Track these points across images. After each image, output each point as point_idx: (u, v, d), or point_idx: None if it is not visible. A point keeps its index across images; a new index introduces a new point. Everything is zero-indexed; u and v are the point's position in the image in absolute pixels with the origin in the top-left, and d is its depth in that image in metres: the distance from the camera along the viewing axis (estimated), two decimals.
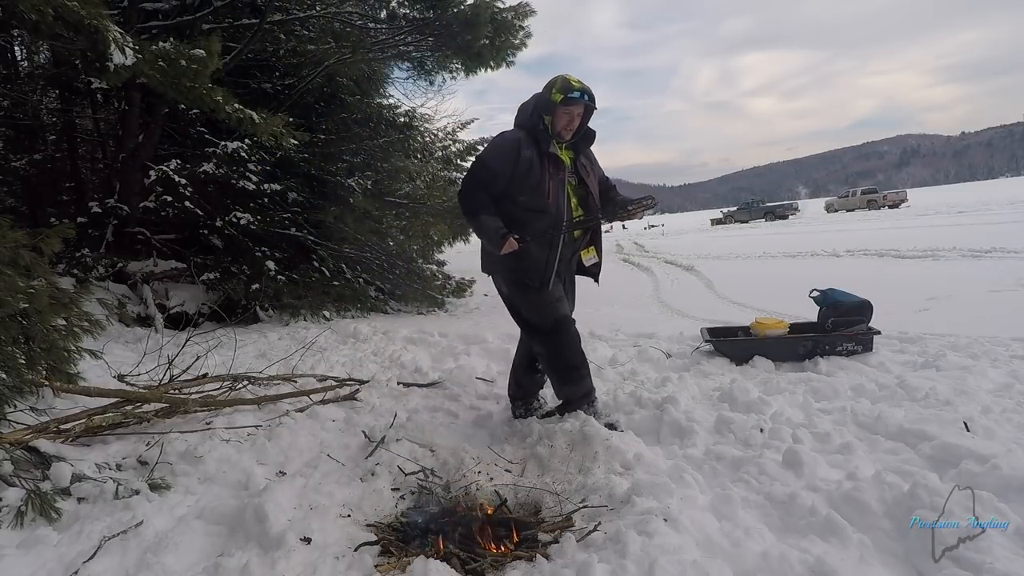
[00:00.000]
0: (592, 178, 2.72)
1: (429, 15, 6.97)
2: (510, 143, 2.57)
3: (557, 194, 2.54)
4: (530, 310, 2.67)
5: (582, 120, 2.58)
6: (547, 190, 2.52)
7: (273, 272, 6.84)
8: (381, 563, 1.66)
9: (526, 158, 2.52)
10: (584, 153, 2.72)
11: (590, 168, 2.74)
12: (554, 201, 2.54)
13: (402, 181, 8.77)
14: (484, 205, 2.57)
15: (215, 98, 4.46)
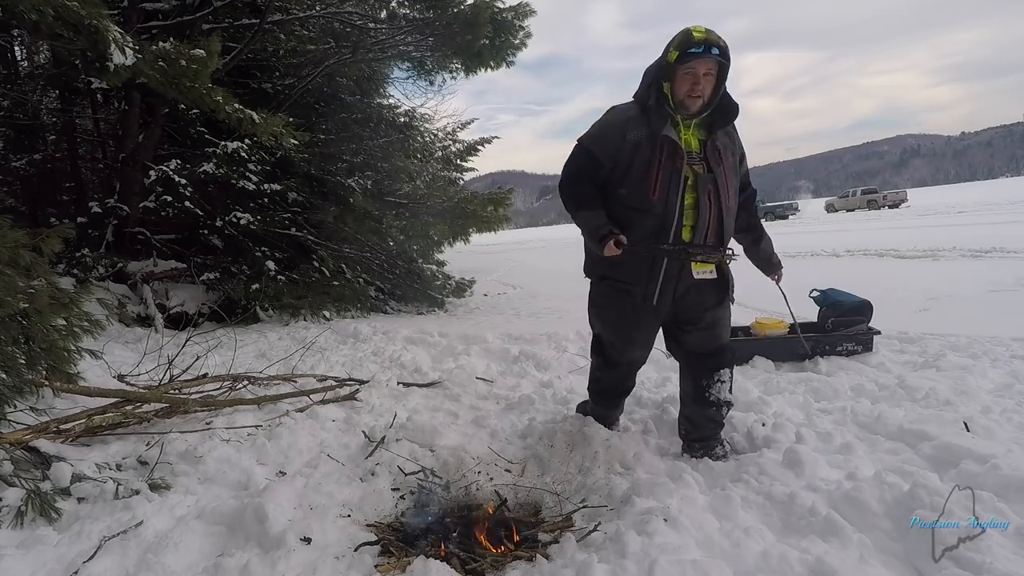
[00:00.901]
0: (728, 168, 2.07)
1: (429, 15, 6.97)
2: (616, 122, 2.08)
3: (667, 189, 1.99)
4: (615, 326, 2.25)
5: (716, 84, 1.97)
6: (652, 183, 1.99)
7: (273, 272, 6.84)
8: (381, 563, 1.66)
9: (631, 142, 2.02)
10: (724, 133, 2.09)
11: (730, 155, 2.09)
12: (661, 198, 1.99)
13: (402, 181, 8.78)
14: (585, 198, 2.13)
15: (215, 98, 4.46)
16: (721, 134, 2.07)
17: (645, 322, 2.17)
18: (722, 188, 2.03)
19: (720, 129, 2.07)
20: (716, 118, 2.05)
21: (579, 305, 2.87)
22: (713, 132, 2.06)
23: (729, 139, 2.11)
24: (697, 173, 2.01)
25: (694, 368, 2.24)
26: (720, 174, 2.03)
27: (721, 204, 2.04)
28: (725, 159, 2.06)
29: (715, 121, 2.06)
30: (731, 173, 2.07)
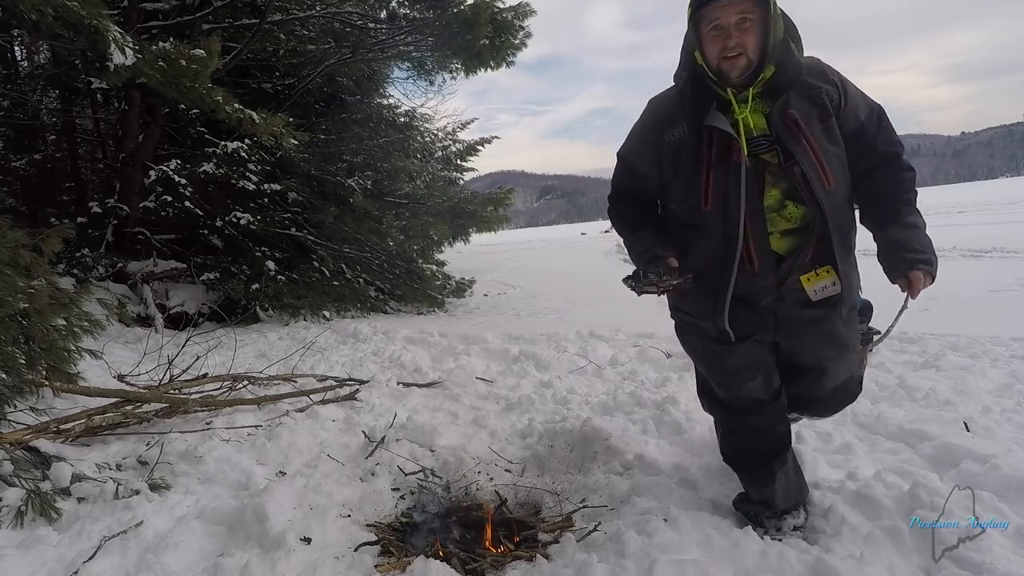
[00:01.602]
0: (815, 142, 1.47)
1: (429, 15, 6.97)
2: (650, 122, 1.63)
3: (724, 192, 1.49)
4: (703, 360, 1.77)
5: (760, 32, 1.42)
6: (705, 188, 1.51)
7: (273, 272, 6.84)
8: (381, 563, 1.66)
9: (671, 143, 1.56)
10: (801, 94, 1.49)
11: (816, 121, 1.49)
12: (717, 206, 1.50)
13: (402, 181, 8.78)
14: (630, 218, 1.73)
15: (215, 98, 4.46)
16: (796, 97, 1.47)
17: (739, 353, 1.65)
18: (812, 173, 1.45)
19: (791, 91, 1.47)
20: (781, 78, 1.47)
21: (579, 305, 2.88)
22: (785, 105, 1.47)
23: (810, 99, 1.48)
24: (768, 163, 1.48)
25: (814, 410, 1.93)
26: (804, 153, 1.45)
27: (817, 196, 1.45)
28: (808, 130, 1.46)
29: (781, 82, 1.47)
30: (822, 146, 1.47)
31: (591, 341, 4.62)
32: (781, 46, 1.47)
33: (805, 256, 1.54)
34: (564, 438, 2.44)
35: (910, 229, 1.48)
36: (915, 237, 1.47)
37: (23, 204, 7.60)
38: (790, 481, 1.76)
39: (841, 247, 1.51)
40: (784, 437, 1.76)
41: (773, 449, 1.73)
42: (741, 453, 1.79)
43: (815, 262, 1.54)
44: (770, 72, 1.48)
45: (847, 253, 1.54)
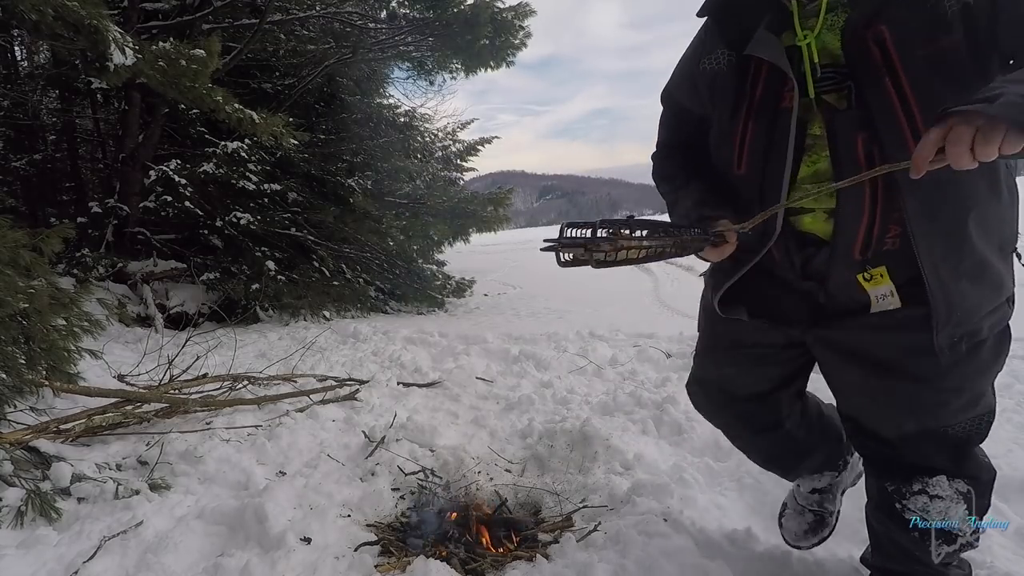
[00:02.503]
0: (905, 84, 0.94)
1: (429, 15, 6.98)
2: (690, 47, 1.24)
3: (766, 151, 1.07)
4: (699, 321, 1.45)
5: None
6: (740, 143, 1.11)
7: (273, 272, 6.84)
8: (381, 563, 1.66)
9: (708, 74, 1.16)
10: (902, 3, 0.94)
11: (921, 46, 0.93)
12: (754, 170, 1.10)
13: (402, 181, 8.78)
14: (678, 173, 1.28)
15: (215, 98, 4.46)
16: (895, 6, 0.94)
17: (719, 334, 1.36)
18: (889, 134, 0.95)
19: (897, 7, 0.94)
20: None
21: (579, 305, 2.88)
22: (875, 17, 0.95)
23: (918, 4, 0.93)
24: (835, 109, 1.00)
25: (871, 458, 1.26)
26: (881, 100, 0.94)
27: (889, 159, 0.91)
28: (901, 59, 0.93)
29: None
30: (924, 88, 0.93)
31: (591, 341, 4.62)
32: None
33: (851, 249, 1.03)
34: (564, 438, 2.44)
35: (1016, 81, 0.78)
36: (1014, 78, 0.80)
37: (23, 204, 7.60)
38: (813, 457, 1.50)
39: (930, 240, 0.97)
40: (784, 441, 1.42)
41: (771, 448, 1.45)
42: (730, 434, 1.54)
43: (872, 257, 1.03)
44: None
45: (949, 252, 0.97)
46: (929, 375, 1.08)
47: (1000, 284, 1.04)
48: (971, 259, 1.00)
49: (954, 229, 0.98)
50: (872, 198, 1.00)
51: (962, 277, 1.00)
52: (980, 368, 1.10)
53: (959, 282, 1.00)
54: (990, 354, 1.10)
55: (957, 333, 1.04)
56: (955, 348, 1.05)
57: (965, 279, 1.00)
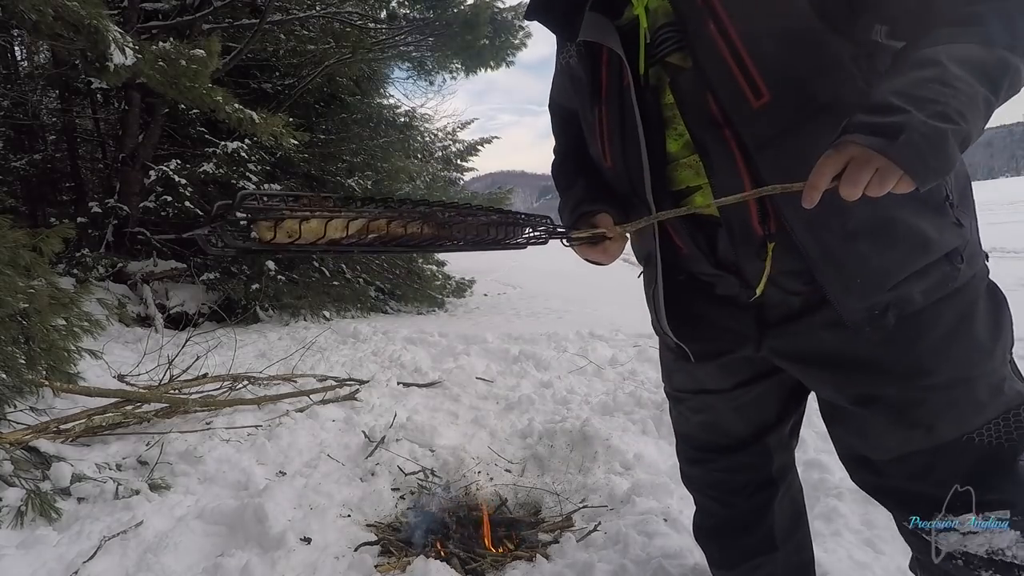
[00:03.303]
0: (726, 21, 0.81)
1: (429, 15, 6.98)
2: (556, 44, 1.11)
3: (623, 136, 0.96)
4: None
5: None
6: (600, 134, 1.00)
7: (273, 272, 6.84)
8: (381, 563, 1.66)
9: (566, 69, 1.09)
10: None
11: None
12: (617, 160, 0.99)
13: (402, 181, 8.77)
14: (567, 173, 1.18)
15: (215, 98, 4.46)
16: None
17: (689, 374, 1.18)
18: (720, 81, 0.83)
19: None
20: None
21: (579, 305, 2.88)
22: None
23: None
24: (680, 69, 0.89)
25: (884, 497, 1.00)
26: (706, 45, 0.83)
27: (733, 123, 0.83)
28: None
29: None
30: (748, 24, 0.81)
31: (591, 341, 4.61)
32: None
33: (748, 224, 0.88)
34: (564, 438, 2.44)
35: (917, 69, 0.69)
36: (917, 77, 0.68)
37: (23, 204, 7.61)
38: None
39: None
40: (763, 509, 1.18)
41: (742, 522, 1.19)
42: (695, 523, 1.31)
43: (769, 233, 0.88)
44: None
45: (827, 207, 0.74)
46: (877, 364, 0.88)
47: (925, 242, 0.83)
48: (863, 215, 0.81)
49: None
50: (745, 159, 0.85)
51: (854, 237, 0.83)
52: (958, 346, 0.86)
53: (850, 242, 0.83)
54: (963, 324, 0.87)
55: (871, 303, 0.85)
56: (879, 322, 0.86)
57: (860, 239, 0.83)
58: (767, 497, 1.18)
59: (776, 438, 1.15)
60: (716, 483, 1.22)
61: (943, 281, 0.86)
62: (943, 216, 0.86)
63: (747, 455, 1.15)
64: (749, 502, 1.19)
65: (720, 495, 1.22)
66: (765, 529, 1.18)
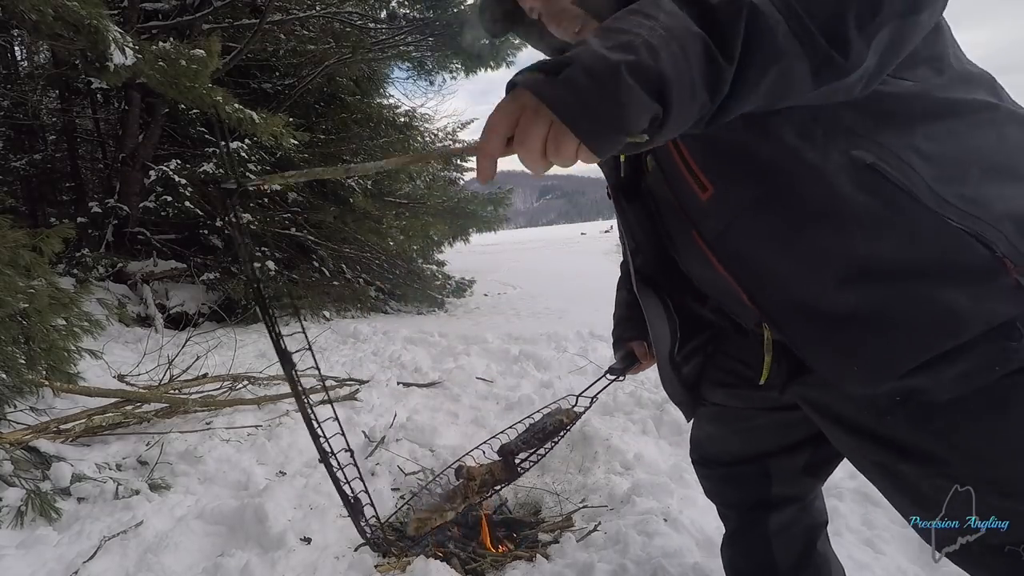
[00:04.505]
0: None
1: (429, 15, 6.98)
2: None
3: (630, 227, 1.00)
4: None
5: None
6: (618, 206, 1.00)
7: (273, 272, 6.84)
8: (381, 563, 1.66)
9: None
10: None
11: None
12: (629, 231, 1.01)
13: (402, 181, 8.78)
14: (619, 285, 1.35)
15: (215, 98, 4.46)
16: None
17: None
18: (676, 182, 0.84)
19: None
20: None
21: (579, 305, 2.87)
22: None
23: None
24: (650, 171, 0.92)
25: None
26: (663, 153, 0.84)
27: (692, 218, 0.84)
28: None
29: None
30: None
31: (591, 341, 4.61)
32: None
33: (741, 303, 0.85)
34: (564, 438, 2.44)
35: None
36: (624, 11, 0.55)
37: (23, 204, 7.61)
38: None
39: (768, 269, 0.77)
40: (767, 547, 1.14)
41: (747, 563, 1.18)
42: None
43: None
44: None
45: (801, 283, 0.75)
46: (899, 443, 0.77)
47: (950, 318, 0.67)
48: (851, 294, 0.71)
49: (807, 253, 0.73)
50: (710, 249, 0.84)
51: (842, 321, 0.72)
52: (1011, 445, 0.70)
53: (837, 328, 0.73)
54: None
55: (879, 391, 0.74)
56: (897, 410, 0.74)
57: (850, 323, 0.72)
58: (760, 516, 1.13)
59: (778, 465, 1.10)
60: (714, 492, 1.25)
61: (990, 363, 0.67)
62: (988, 281, 0.66)
63: (743, 470, 1.14)
64: (742, 518, 1.18)
65: (720, 505, 1.26)
66: (764, 555, 1.14)
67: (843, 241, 0.70)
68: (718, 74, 0.50)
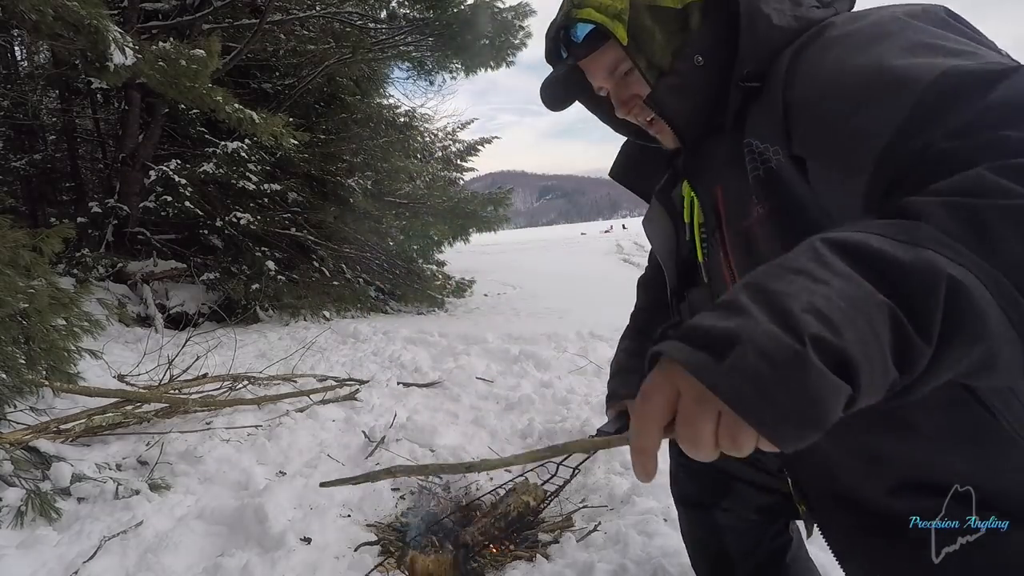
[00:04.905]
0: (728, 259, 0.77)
1: (429, 15, 6.97)
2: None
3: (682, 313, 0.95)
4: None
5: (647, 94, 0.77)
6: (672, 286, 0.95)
7: (273, 272, 6.84)
8: (381, 563, 1.66)
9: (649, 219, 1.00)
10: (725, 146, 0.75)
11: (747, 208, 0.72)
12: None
13: (402, 181, 8.78)
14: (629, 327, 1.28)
15: (215, 98, 4.46)
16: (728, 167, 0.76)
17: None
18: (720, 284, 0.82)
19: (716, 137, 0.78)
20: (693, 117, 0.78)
21: (579, 305, 2.87)
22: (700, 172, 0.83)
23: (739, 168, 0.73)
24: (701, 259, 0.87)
25: None
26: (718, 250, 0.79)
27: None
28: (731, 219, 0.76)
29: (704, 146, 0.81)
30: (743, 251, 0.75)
31: (591, 341, 4.62)
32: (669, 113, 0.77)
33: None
34: (564, 438, 2.44)
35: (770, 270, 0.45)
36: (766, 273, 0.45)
37: (23, 204, 7.61)
38: None
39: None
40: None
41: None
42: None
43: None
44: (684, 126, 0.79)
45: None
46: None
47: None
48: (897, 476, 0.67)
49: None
50: None
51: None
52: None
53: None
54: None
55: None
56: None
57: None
58: (710, 521, 1.11)
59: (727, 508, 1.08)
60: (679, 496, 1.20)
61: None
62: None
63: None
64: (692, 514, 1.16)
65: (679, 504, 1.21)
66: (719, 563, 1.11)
67: (909, 450, 0.65)
68: (912, 354, 0.42)
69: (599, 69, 0.82)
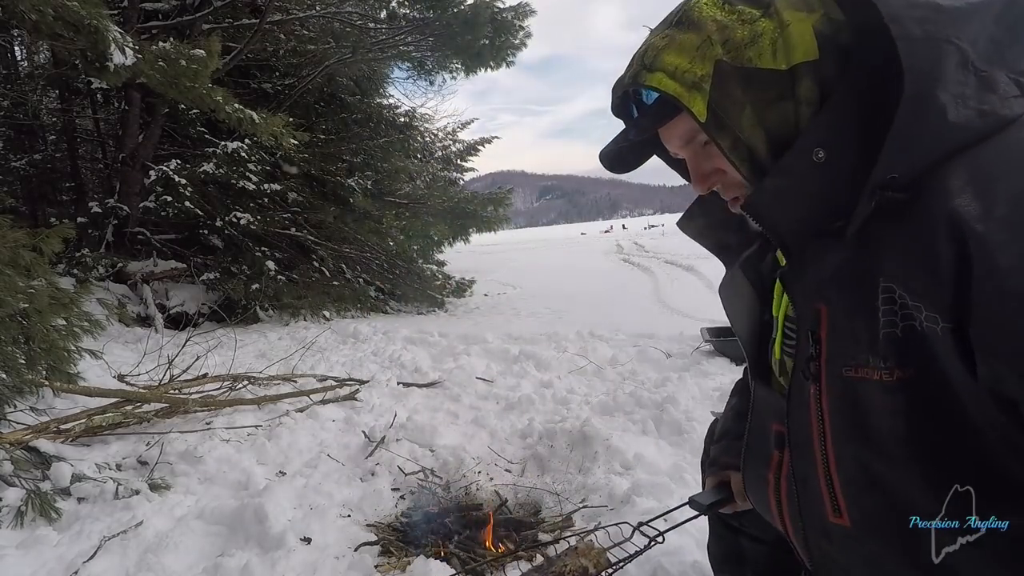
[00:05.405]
0: (825, 400, 0.62)
1: (429, 15, 6.98)
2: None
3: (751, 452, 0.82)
4: None
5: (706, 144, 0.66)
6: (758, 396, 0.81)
7: (273, 272, 6.84)
8: (381, 563, 1.66)
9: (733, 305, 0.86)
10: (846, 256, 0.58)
11: (866, 345, 0.56)
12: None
13: (402, 181, 8.79)
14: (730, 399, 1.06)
15: (215, 98, 4.47)
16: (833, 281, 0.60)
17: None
18: (806, 478, 0.68)
19: (833, 238, 0.60)
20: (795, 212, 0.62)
21: (579, 305, 2.87)
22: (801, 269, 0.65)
23: (862, 275, 0.57)
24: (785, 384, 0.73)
25: None
26: (801, 423, 0.67)
27: (806, 534, 0.71)
28: (829, 362, 0.61)
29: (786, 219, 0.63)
30: (845, 403, 0.61)
31: (591, 341, 4.62)
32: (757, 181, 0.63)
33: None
34: (564, 438, 2.44)
35: None
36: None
37: (23, 204, 7.61)
38: None
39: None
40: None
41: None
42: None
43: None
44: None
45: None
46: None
47: None
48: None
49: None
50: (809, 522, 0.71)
51: None
52: None
53: None
54: None
55: None
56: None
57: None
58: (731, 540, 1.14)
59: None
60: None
61: None
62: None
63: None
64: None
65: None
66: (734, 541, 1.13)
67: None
68: None
69: (672, 137, 0.69)
